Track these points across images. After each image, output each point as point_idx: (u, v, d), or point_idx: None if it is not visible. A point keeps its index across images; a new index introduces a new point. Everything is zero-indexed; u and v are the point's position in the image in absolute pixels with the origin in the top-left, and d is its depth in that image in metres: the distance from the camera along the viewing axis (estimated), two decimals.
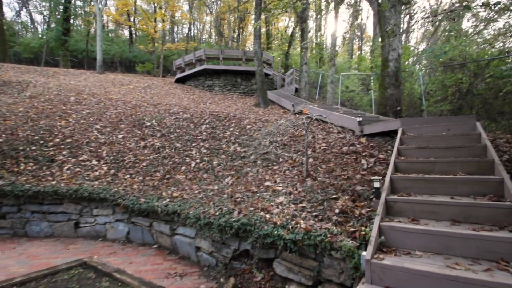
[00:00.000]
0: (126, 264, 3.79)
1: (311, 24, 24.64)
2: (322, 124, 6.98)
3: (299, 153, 5.70)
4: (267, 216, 3.19)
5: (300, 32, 14.74)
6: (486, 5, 5.96)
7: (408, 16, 19.70)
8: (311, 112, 7.72)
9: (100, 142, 7.08)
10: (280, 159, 5.64)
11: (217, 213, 3.52)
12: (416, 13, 21.45)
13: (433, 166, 3.39)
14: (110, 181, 5.57)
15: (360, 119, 5.90)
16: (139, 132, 7.67)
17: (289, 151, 5.90)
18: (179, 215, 3.97)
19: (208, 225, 3.48)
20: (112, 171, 5.99)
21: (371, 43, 21.34)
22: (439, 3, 20.00)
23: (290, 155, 5.66)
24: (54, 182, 5.34)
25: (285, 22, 28.67)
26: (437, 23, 18.14)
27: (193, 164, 6.13)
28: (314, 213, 3.24)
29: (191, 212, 3.80)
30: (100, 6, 17.74)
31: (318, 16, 22.91)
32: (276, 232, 2.84)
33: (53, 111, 8.43)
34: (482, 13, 9.53)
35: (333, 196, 3.65)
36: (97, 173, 5.90)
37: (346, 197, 3.55)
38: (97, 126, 7.84)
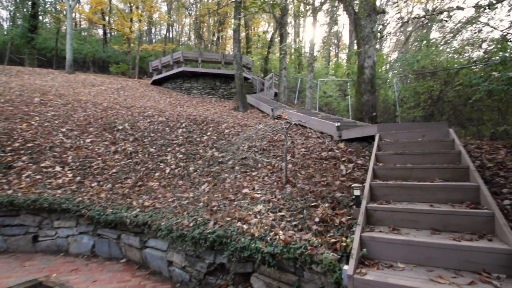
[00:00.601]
0: (89, 282, 3.44)
1: (290, 30, 24.97)
2: (301, 128, 6.93)
3: (278, 158, 5.58)
4: (245, 227, 3.01)
5: (279, 37, 14.80)
6: (449, 17, 6.26)
7: (381, 26, 20.48)
8: (290, 116, 7.67)
9: (66, 146, 6.58)
10: (259, 165, 5.49)
11: (191, 224, 3.28)
12: (389, 23, 22.37)
13: (411, 172, 3.38)
14: (75, 190, 5.14)
15: (339, 124, 5.90)
16: (110, 136, 7.23)
17: (268, 157, 5.77)
18: (150, 227, 3.68)
19: (181, 237, 3.24)
20: (78, 178, 5.55)
21: (347, 51, 21.95)
22: (409, 15, 21.01)
23: (269, 161, 5.53)
24: (10, 192, 4.84)
25: (265, 27, 28.87)
26: (408, 33, 19.02)
27: (167, 170, 5.83)
28: (294, 223, 3.11)
29: (163, 224, 3.53)
30: (71, 2, 16.84)
31: (297, 21, 23.24)
32: (253, 245, 2.66)
33: (14, 113, 7.76)
34: (451, 25, 10.03)
35: (313, 204, 3.55)
36: (60, 180, 5.44)
37: (326, 205, 3.46)
38: (63, 130, 7.30)
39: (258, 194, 4.16)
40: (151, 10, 25.71)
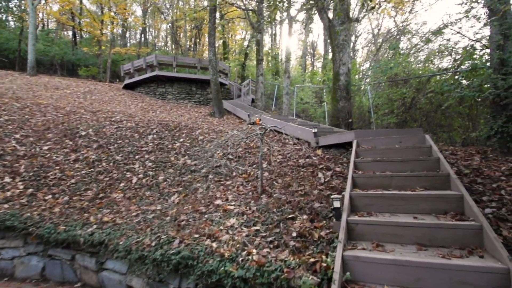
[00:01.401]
0: None
1: (267, 39, 25.11)
2: (278, 135, 6.72)
3: (254, 166, 5.30)
4: (214, 245, 2.68)
5: (255, 44, 14.70)
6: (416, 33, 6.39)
7: (354, 36, 21.17)
8: (267, 122, 7.44)
9: (18, 154, 5.89)
10: (234, 173, 5.17)
11: (153, 244, 2.89)
12: (360, 34, 23.19)
13: (391, 181, 3.23)
14: (25, 204, 4.53)
15: (316, 130, 5.74)
16: (71, 142, 6.60)
17: (243, 164, 5.47)
18: (107, 247, 3.23)
19: (141, 259, 2.83)
20: (30, 190, 4.93)
21: (322, 60, 22.37)
22: (379, 26, 21.91)
23: (245, 169, 5.23)
24: None
25: (242, 34, 28.83)
26: (379, 44, 19.76)
27: (134, 180, 5.34)
28: (269, 238, 2.82)
29: (121, 243, 3.10)
30: (34, 1, 15.74)
31: (273, 29, 23.41)
32: (223, 268, 2.33)
33: None
34: (420, 34, 10.41)
35: (290, 216, 3.28)
36: (9, 193, 4.79)
37: (304, 217, 3.20)
38: (17, 136, 6.57)
39: (231, 205, 3.84)
40: (124, 12, 24.80)
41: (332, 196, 2.62)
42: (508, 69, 4.68)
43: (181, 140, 7.03)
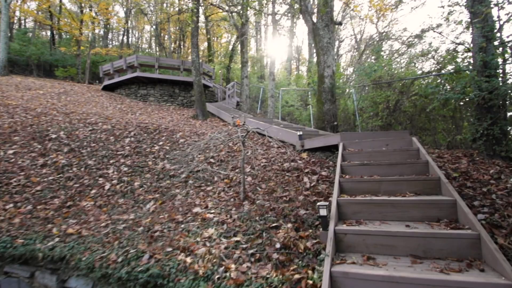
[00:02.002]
0: None
1: (253, 43, 25.03)
2: (262, 138, 6.49)
3: (237, 170, 5.04)
4: (188, 260, 2.39)
5: (240, 45, 14.50)
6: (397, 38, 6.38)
7: (337, 41, 21.45)
8: (250, 125, 7.21)
9: None
10: (215, 178, 4.88)
11: (119, 259, 2.56)
12: (343, 40, 23.52)
13: (379, 185, 3.05)
14: None
15: (301, 133, 5.56)
16: (40, 146, 6.10)
17: (226, 168, 5.19)
18: (68, 263, 2.87)
19: (105, 277, 2.50)
20: None
21: (307, 64, 22.44)
22: (361, 32, 22.31)
23: (227, 173, 4.96)
24: None
25: (228, 38, 28.61)
26: (361, 49, 20.06)
27: (107, 186, 4.95)
28: (250, 251, 2.56)
29: (84, 258, 2.75)
30: None
31: (258, 30, 23.33)
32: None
33: None
34: (403, 38, 10.53)
35: (274, 225, 3.04)
36: None
37: (289, 225, 2.97)
38: None
39: (211, 213, 3.55)
40: (106, 13, 24.01)
41: (318, 204, 2.40)
42: (491, 71, 4.67)
43: (161, 143, 6.67)
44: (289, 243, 2.60)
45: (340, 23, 10.44)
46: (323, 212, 2.37)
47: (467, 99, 5.47)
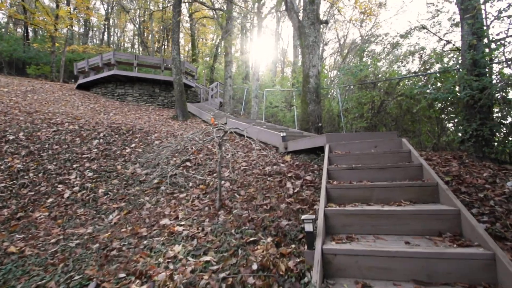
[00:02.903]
0: None
1: (238, 45, 24.63)
2: (244, 140, 6.09)
3: (214, 174, 4.61)
4: None
5: (224, 43, 14.05)
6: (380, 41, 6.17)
7: (322, 43, 21.41)
8: (231, 125, 6.79)
9: None
10: (190, 184, 4.43)
11: None
12: (327, 43, 23.58)
13: (371, 193, 2.71)
14: None
15: (284, 134, 5.19)
16: None
17: (203, 173, 4.74)
18: None
19: None
20: None
21: (292, 65, 22.29)
22: (345, 36, 22.43)
23: (203, 178, 4.51)
24: None
25: (213, 39, 28.06)
26: (345, 52, 20.13)
27: (66, 194, 4.38)
28: (222, 274, 2.13)
29: (19, 286, 2.23)
30: None
31: (243, 34, 22.96)
32: None
33: None
34: (388, 41, 10.45)
35: (252, 239, 2.63)
36: None
37: (269, 239, 2.57)
38: None
39: (181, 225, 3.10)
40: (84, 7, 22.89)
41: (303, 217, 2.02)
42: (481, 70, 4.48)
43: (133, 145, 6.12)
44: (268, 263, 2.20)
45: (326, 22, 10.25)
46: (308, 227, 1.98)
47: (454, 100, 5.29)
